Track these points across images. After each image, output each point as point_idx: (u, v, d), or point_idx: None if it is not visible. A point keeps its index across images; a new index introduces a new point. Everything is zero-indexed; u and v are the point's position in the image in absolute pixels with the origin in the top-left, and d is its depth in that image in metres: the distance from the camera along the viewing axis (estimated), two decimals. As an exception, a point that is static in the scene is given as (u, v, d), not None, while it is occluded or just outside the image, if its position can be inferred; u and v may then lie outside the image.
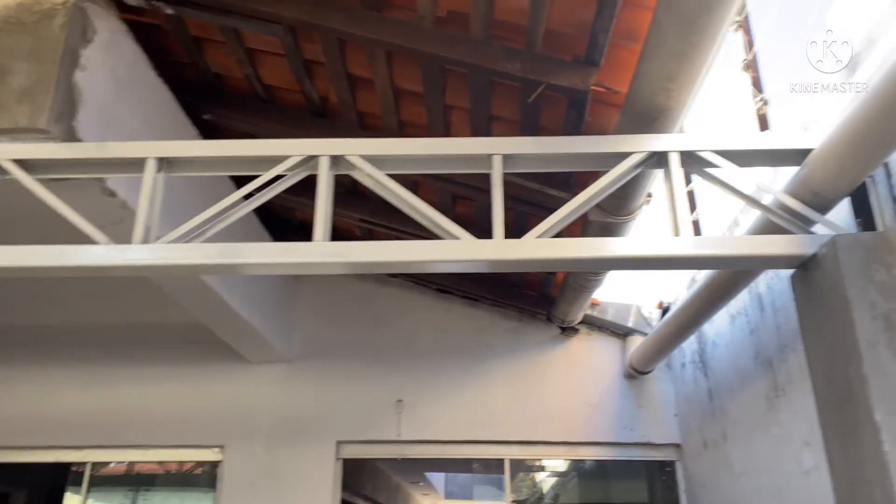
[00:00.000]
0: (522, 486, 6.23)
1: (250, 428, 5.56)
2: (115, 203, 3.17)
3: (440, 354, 5.73)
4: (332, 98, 3.78)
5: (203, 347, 5.61)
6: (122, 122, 3.20)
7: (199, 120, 4.05)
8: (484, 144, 2.70)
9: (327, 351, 5.81)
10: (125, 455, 5.77)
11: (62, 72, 2.75)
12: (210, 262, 2.55)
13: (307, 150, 2.70)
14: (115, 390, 5.73)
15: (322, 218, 2.63)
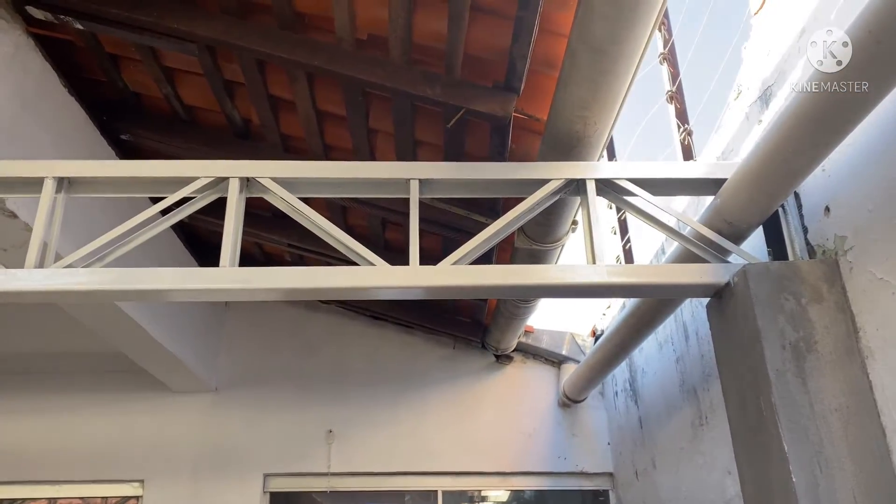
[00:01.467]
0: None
1: (173, 461, 5.32)
2: (17, 225, 3.01)
3: (373, 383, 5.61)
4: (254, 120, 3.68)
5: (123, 376, 5.38)
6: (28, 139, 3.05)
7: (117, 140, 3.90)
8: (401, 169, 2.65)
9: (256, 379, 5.63)
10: (41, 491, 5.44)
11: (-53, 84, 2.60)
12: (108, 288, 2.41)
13: (217, 171, 2.60)
14: (30, 422, 5.42)
15: (231, 241, 2.53)
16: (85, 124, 3.61)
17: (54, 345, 5.25)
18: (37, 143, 3.11)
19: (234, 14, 2.96)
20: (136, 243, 2.59)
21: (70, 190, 2.65)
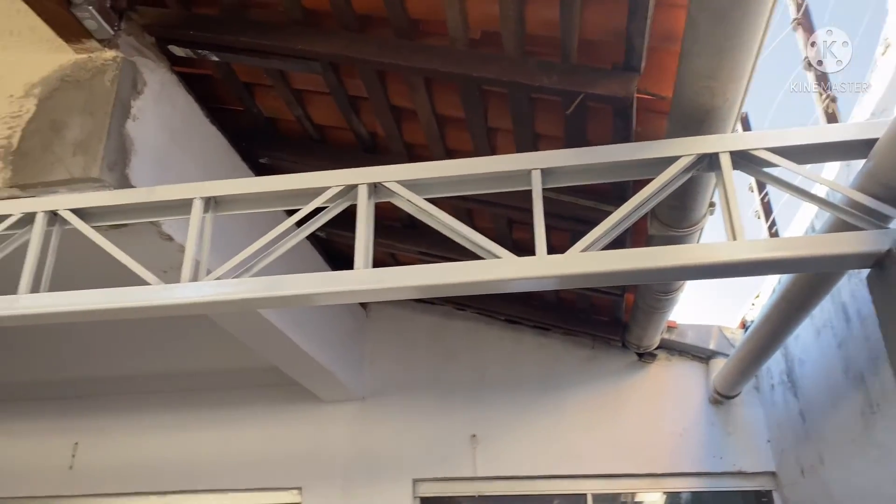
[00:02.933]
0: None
1: (327, 468, 5.56)
2: (172, 247, 3.26)
3: (513, 387, 5.59)
4: (379, 132, 3.80)
5: (277, 389, 5.70)
6: (178, 168, 3.31)
7: (256, 164, 4.16)
8: (522, 160, 2.63)
9: (399, 387, 5.77)
10: (207, 500, 5.86)
11: (114, 123, 2.88)
12: (255, 296, 2.56)
13: (346, 179, 2.70)
14: (194, 435, 5.86)
15: (363, 245, 2.61)
16: (227, 151, 3.88)
17: (214, 362, 5.65)
18: (186, 172, 3.37)
19: (353, 29, 3.07)
20: (276, 254, 2.74)
21: (216, 209, 2.84)
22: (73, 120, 2.89)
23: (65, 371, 5.91)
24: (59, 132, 2.88)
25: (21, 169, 2.85)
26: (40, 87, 2.99)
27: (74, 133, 2.87)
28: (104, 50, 3.00)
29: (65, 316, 2.66)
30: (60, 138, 2.87)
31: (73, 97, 2.94)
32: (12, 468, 6.12)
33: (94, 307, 2.62)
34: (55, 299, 2.64)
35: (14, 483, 6.09)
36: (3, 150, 2.89)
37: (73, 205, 2.81)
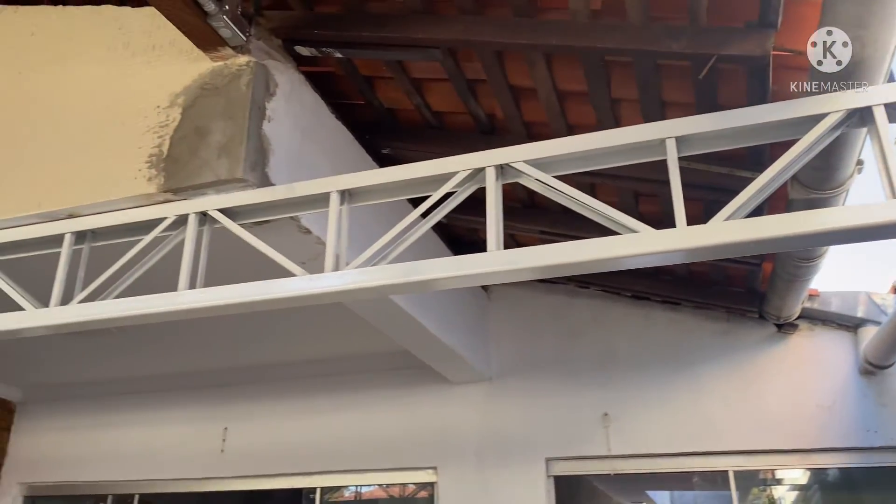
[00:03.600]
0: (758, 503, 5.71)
1: (459, 448, 5.67)
2: (311, 240, 3.41)
3: (644, 363, 5.47)
4: (498, 114, 3.80)
5: (408, 372, 5.86)
6: (310, 164, 3.45)
7: (379, 155, 4.27)
8: (654, 129, 2.55)
9: (526, 367, 5.79)
10: (347, 479, 6.13)
11: (252, 125, 3.04)
12: (395, 282, 2.64)
13: (473, 163, 2.73)
14: (332, 418, 6.14)
15: (494, 227, 2.63)
16: (352, 145, 4.00)
17: (349, 348, 5.89)
18: (318, 167, 3.50)
19: (471, 12, 3.08)
20: (410, 241, 2.81)
21: (351, 200, 2.94)
22: (215, 125, 3.07)
23: (214, 361, 6.34)
24: (203, 137, 3.07)
25: (172, 174, 3.06)
26: (183, 97, 3.20)
27: (217, 137, 3.05)
28: (238, 56, 3.16)
29: (221, 309, 2.84)
30: (205, 143, 3.06)
31: (214, 103, 3.12)
32: (170, 452, 6.64)
33: (248, 299, 2.79)
34: (212, 294, 2.83)
35: (172, 466, 6.61)
36: (156, 158, 3.11)
37: (220, 205, 2.99)
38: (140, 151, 3.14)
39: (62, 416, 7.17)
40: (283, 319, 5.12)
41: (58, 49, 3.56)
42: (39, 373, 6.90)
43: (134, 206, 3.14)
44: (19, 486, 7.08)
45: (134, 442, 6.76)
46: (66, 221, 3.20)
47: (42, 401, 7.31)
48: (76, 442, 7.04)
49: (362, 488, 6.45)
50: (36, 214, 3.24)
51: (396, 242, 2.79)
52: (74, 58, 3.48)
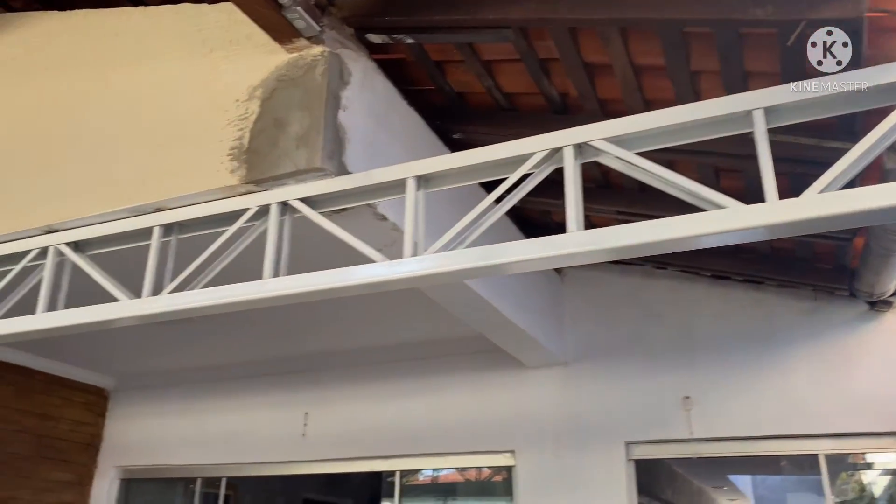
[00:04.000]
0: (847, 487, 5.49)
1: (537, 432, 5.65)
2: (387, 226, 3.44)
3: (725, 345, 5.32)
4: (571, 92, 3.74)
5: (484, 357, 5.88)
6: (384, 151, 3.48)
7: (449, 140, 4.26)
8: (740, 101, 2.45)
9: (601, 351, 5.71)
10: (426, 463, 6.20)
11: (328, 115, 3.08)
12: (475, 266, 2.64)
13: (550, 143, 2.69)
14: (410, 403, 6.21)
15: (574, 208, 2.59)
16: (424, 130, 4.01)
17: (425, 333, 5.93)
18: (392, 154, 3.53)
19: (542, -10, 3.03)
20: (487, 224, 2.79)
21: (427, 186, 2.95)
22: (293, 116, 3.13)
23: (294, 348, 6.51)
24: (282, 128, 3.13)
25: (254, 166, 3.13)
26: (261, 89, 3.26)
27: (295, 128, 3.10)
28: (312, 46, 3.20)
29: (305, 295, 2.90)
30: (284, 134, 3.11)
31: (291, 94, 3.17)
32: (254, 436, 6.86)
33: (330, 286, 2.84)
34: (295, 281, 2.89)
35: (256, 450, 6.84)
36: (237, 151, 3.19)
37: (300, 194, 3.05)
38: (222, 145, 3.23)
39: (152, 403, 7.50)
40: (360, 306, 5.20)
41: (140, 48, 3.69)
42: (130, 362, 7.22)
43: (218, 198, 3.23)
44: (115, 469, 7.45)
45: (220, 427, 7.01)
46: (154, 215, 3.33)
47: (133, 388, 7.66)
48: (165, 427, 7.36)
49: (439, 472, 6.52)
50: (126, 209, 3.37)
51: (474, 226, 2.78)
52: (156, 56, 3.60)
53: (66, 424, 7.20)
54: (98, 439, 7.52)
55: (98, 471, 7.43)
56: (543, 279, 5.67)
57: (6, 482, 6.53)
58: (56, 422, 7.09)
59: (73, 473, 7.18)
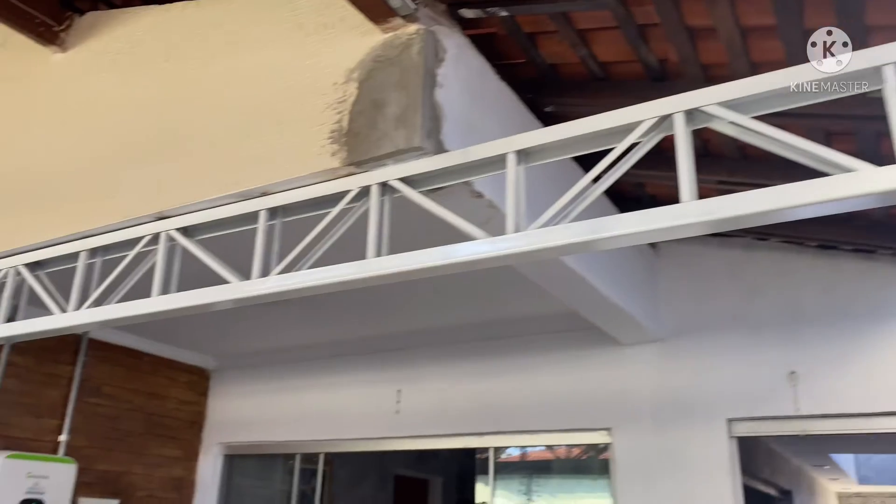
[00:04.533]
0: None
1: (634, 409, 5.57)
2: (482, 204, 3.42)
3: (834, 318, 5.07)
4: (671, 58, 3.60)
5: (577, 334, 5.82)
6: (479, 128, 3.45)
7: (541, 114, 4.19)
8: (869, 57, 2.30)
9: (699, 326, 5.55)
10: (520, 440, 6.21)
11: (425, 93, 3.07)
12: (582, 240, 2.59)
13: (659, 110, 2.60)
14: (503, 380, 6.22)
15: (686, 177, 2.50)
16: (517, 105, 3.96)
17: (518, 311, 5.92)
18: (487, 130, 3.49)
19: (643, -48, 2.92)
20: (592, 198, 2.73)
21: (527, 160, 2.91)
22: (390, 96, 3.14)
23: (387, 327, 6.62)
24: (380, 109, 3.15)
25: (354, 148, 3.16)
26: (358, 71, 3.28)
27: (393, 108, 3.11)
28: (407, 25, 3.20)
29: (409, 274, 2.92)
30: (383, 115, 3.13)
31: (388, 75, 3.18)
32: (349, 413, 7.03)
33: (434, 264, 2.85)
34: (400, 260, 2.92)
35: (351, 426, 7.01)
36: (337, 134, 3.23)
37: (400, 174, 3.07)
38: (322, 128, 3.28)
39: (251, 382, 7.80)
40: (453, 284, 5.21)
41: (239, 37, 3.77)
42: (228, 343, 7.51)
43: (319, 181, 3.28)
44: (219, 445, 7.80)
45: (316, 404, 7.23)
46: (259, 199, 3.42)
47: (232, 368, 7.98)
48: (264, 405, 7.64)
49: (528, 449, 6.51)
50: (233, 194, 3.47)
51: (578, 200, 2.73)
52: (255, 43, 3.68)
53: (173, 403, 7.57)
54: (202, 417, 7.88)
55: (203, 447, 7.80)
56: (637, 254, 5.55)
57: (121, 457, 6.94)
58: (163, 401, 7.46)
59: (181, 449, 7.56)
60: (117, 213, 3.81)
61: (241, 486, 7.84)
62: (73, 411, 6.50)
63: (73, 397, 6.53)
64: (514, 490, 6.46)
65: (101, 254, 3.94)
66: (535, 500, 6.33)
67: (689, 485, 5.22)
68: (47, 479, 5.95)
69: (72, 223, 3.97)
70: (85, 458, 6.48)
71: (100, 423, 6.79)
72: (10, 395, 6.08)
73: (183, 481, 7.51)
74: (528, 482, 6.42)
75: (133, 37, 4.34)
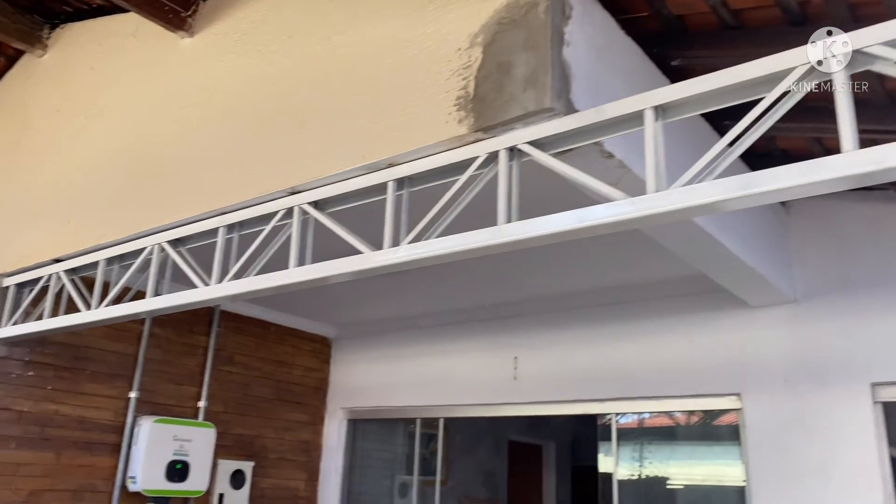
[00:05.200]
0: None
1: (765, 373, 5.34)
2: (612, 164, 3.32)
3: None
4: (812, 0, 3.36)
5: (703, 297, 5.63)
6: (606, 86, 3.34)
7: (668, 68, 4.01)
8: None
9: (836, 286, 5.23)
10: (644, 406, 6.09)
11: (554, 52, 2.99)
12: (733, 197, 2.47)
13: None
14: (623, 346, 6.11)
15: (848, 125, 2.33)
16: (643, 60, 3.81)
17: (637, 275, 5.79)
18: (613, 88, 3.38)
19: None
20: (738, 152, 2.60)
21: (663, 116, 2.79)
22: (517, 58, 3.08)
23: (503, 294, 6.63)
24: (507, 72, 3.10)
25: (481, 113, 3.14)
26: (482, 35, 3.24)
27: (521, 70, 3.05)
28: (532, -16, 3.12)
29: (544, 238, 2.90)
30: (510, 78, 3.08)
31: (513, 36, 3.12)
32: (467, 380, 7.13)
33: (571, 227, 2.80)
34: (533, 225, 2.89)
35: (470, 392, 7.11)
36: (463, 100, 3.21)
37: (529, 138, 3.02)
38: (447, 96, 3.26)
39: (370, 349, 8.03)
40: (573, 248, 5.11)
41: (362, 8, 3.80)
42: (348, 312, 7.75)
43: (446, 149, 3.28)
44: (342, 410, 8.10)
45: (435, 371, 7.36)
46: (387, 170, 3.46)
47: (352, 336, 8.24)
48: (383, 372, 7.86)
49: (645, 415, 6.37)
50: (361, 167, 3.52)
51: (724, 155, 2.60)
52: (377, 14, 3.70)
53: (298, 370, 7.91)
54: (325, 384, 8.20)
55: (328, 412, 8.13)
56: (769, 212, 5.27)
57: (254, 422, 7.33)
58: (289, 368, 7.81)
59: (308, 414, 7.91)
60: (252, 189, 3.97)
61: (364, 448, 8.13)
62: (209, 379, 6.91)
63: (209, 366, 6.94)
64: (633, 457, 6.37)
65: (238, 229, 4.12)
66: (659, 466, 6.22)
67: (829, 453, 4.97)
68: (190, 441, 6.39)
69: (210, 201, 4.17)
70: (222, 423, 6.90)
71: (233, 390, 7.19)
72: (154, 364, 6.52)
73: (311, 444, 7.87)
74: (650, 449, 6.30)
75: (255, 17, 4.46)
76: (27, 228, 5.73)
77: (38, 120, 6.31)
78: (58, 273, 5.19)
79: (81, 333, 5.95)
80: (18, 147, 6.46)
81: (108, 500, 5.99)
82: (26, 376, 5.65)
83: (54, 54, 6.39)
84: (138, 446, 6.09)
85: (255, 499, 7.13)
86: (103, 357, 6.15)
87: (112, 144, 5.25)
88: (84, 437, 5.93)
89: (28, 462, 5.56)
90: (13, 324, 5.45)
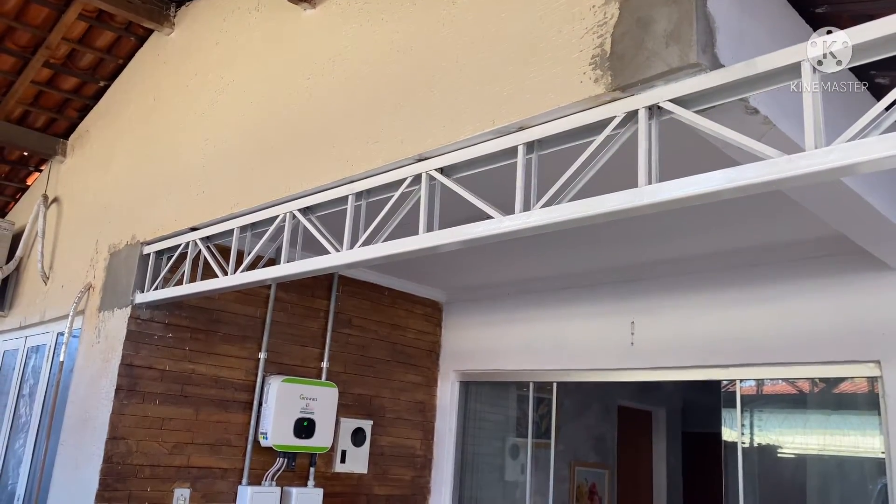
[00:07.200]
0: None
1: (909, 341, 5.03)
2: (756, 120, 3.15)
3: None
4: None
5: (840, 259, 5.33)
6: (750, 37, 3.17)
7: (812, 15, 3.76)
8: None
9: None
10: (773, 372, 5.86)
11: (699, 4, 2.85)
12: None
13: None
14: (748, 310, 5.88)
15: None
16: (784, 8, 3.60)
17: (763, 237, 5.53)
18: (757, 40, 3.20)
19: None
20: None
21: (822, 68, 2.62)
22: (657, 12, 2.96)
23: (619, 259, 6.51)
24: (647, 28, 2.98)
25: (619, 72, 3.04)
26: (622, -9, 3.13)
27: (663, 25, 2.93)
28: (672, -67, 2.97)
29: (688, 200, 2.81)
30: (650, 33, 2.97)
31: (653, -9, 3.00)
32: (583, 345, 7.07)
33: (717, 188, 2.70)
34: (677, 186, 2.79)
35: (586, 357, 7.05)
36: (599, 59, 3.13)
37: (671, 95, 2.91)
38: (582, 55, 3.18)
39: (481, 313, 8.09)
40: (699, 210, 4.95)
41: (488, -30, 3.75)
42: (458, 277, 7.82)
43: (580, 110, 3.21)
44: (455, 372, 8.24)
45: (547, 335, 7.35)
46: (517, 134, 3.43)
47: (462, 300, 8.32)
48: (494, 335, 7.91)
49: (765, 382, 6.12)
50: (490, 131, 3.51)
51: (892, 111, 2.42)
52: (506, -25, 3.64)
53: (412, 333, 8.08)
54: (437, 346, 8.35)
55: (440, 374, 8.29)
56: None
57: (371, 382, 7.58)
58: (403, 331, 7.99)
59: (421, 376, 8.09)
60: (379, 157, 4.03)
61: (476, 410, 8.26)
62: (330, 341, 7.18)
63: (329, 328, 7.20)
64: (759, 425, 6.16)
65: (366, 196, 4.21)
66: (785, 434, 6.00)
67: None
68: (315, 400, 6.69)
69: (339, 169, 4.27)
70: (342, 383, 7.17)
71: (352, 352, 7.44)
72: (280, 326, 6.83)
73: (425, 405, 8.07)
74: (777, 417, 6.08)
75: (374, -14, 4.49)
76: (163, 199, 6.08)
77: (168, 96, 6.64)
78: (194, 240, 5.49)
79: (214, 298, 6.29)
80: (151, 123, 6.83)
81: (241, 453, 6.37)
82: (167, 338, 6.04)
83: (181, 32, 6.68)
84: (268, 404, 6.42)
85: (375, 456, 7.41)
86: (234, 320, 6.48)
87: (240, 117, 5.46)
88: (219, 394, 6.30)
89: (171, 416, 5.98)
90: (154, 289, 5.83)
